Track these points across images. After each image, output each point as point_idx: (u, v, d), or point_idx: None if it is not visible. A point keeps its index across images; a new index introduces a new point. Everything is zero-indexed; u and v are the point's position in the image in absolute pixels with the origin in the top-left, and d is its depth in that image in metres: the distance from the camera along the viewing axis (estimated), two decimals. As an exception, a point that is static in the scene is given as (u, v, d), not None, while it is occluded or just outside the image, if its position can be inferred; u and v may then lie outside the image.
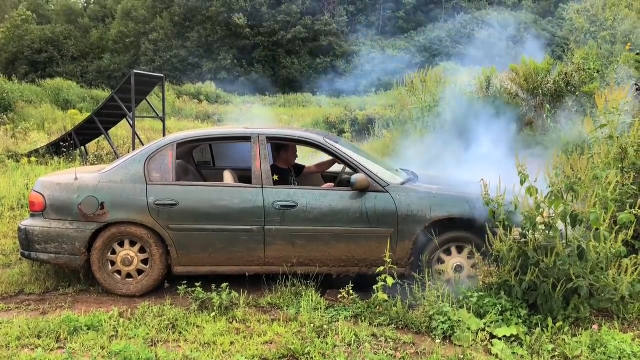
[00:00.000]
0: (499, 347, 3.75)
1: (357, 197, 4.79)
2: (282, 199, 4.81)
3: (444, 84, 10.37)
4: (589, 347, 3.70)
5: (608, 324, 4.14)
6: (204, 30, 46.30)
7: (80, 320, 4.12)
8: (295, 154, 5.94)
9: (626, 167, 4.99)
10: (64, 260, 4.89)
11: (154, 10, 48.75)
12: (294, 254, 4.82)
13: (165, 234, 4.81)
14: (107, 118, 13.20)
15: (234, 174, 5.28)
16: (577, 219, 4.04)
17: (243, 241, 4.81)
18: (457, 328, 3.96)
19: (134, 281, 4.92)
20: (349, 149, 5.39)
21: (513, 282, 4.18)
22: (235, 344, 3.88)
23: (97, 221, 4.81)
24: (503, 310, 4.11)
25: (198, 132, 5.49)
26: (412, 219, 4.73)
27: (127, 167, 4.97)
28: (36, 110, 20.86)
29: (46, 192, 4.93)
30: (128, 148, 13.30)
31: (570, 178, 4.11)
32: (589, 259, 4.00)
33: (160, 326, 4.13)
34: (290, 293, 4.75)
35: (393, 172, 5.31)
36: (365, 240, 4.77)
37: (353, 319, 4.31)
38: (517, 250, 4.23)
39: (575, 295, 4.11)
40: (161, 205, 4.79)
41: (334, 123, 18.98)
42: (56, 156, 12.36)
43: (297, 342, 3.82)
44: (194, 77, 42.38)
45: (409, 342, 3.94)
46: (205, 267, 4.90)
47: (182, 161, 5.54)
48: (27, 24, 45.40)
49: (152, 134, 17.13)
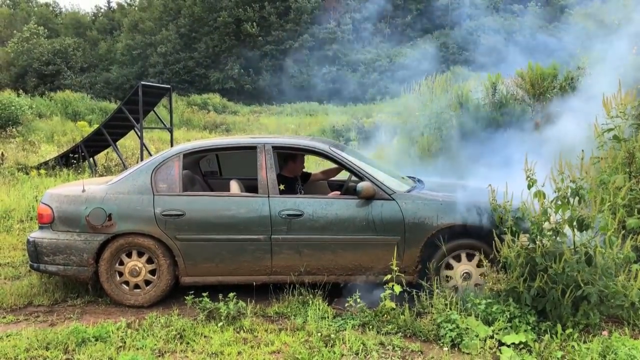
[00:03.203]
0: (508, 354, 3.72)
1: (364, 205, 4.79)
2: (288, 208, 4.82)
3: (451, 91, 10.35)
4: (599, 354, 3.66)
5: (618, 330, 4.10)
6: (211, 40, 46.65)
7: (88, 331, 4.14)
8: (302, 163, 5.94)
9: (634, 172, 4.96)
10: (72, 271, 4.91)
11: (160, 22, 49.17)
12: (301, 262, 4.81)
13: (172, 245, 4.82)
14: (115, 130, 13.29)
15: (240, 184, 5.29)
16: (584, 224, 4.01)
17: (250, 251, 4.81)
18: (465, 336, 3.94)
19: (142, 292, 4.92)
20: (355, 157, 5.39)
21: (521, 289, 4.15)
22: (242, 354, 3.87)
23: (105, 232, 4.83)
24: (511, 317, 4.08)
25: (204, 143, 5.51)
26: (418, 226, 4.71)
27: (134, 178, 5.00)
28: (45, 123, 21.06)
29: (54, 204, 4.96)
30: (136, 159, 13.37)
31: (576, 183, 4.08)
32: (598, 265, 3.97)
33: (167, 336, 4.13)
34: (297, 302, 4.74)
35: (399, 180, 5.30)
36: (372, 248, 4.76)
37: (360, 328, 4.30)
38: (524, 256, 4.20)
39: (585, 302, 4.08)
40: (168, 215, 4.80)
41: (341, 131, 18.99)
42: (65, 168, 12.45)
43: (305, 351, 3.81)
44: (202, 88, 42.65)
45: (417, 350, 3.92)
46: (213, 277, 4.91)
47: (188, 171, 5.56)
48: (37, 37, 45.90)
49: (161, 144, 17.23)
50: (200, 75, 45.98)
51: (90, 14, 62.22)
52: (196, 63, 46.32)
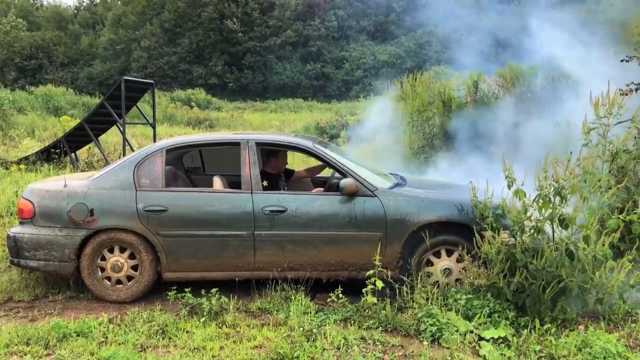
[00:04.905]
0: (487, 348, 3.78)
1: (346, 202, 4.83)
2: (271, 204, 4.83)
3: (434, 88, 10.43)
4: (575, 348, 3.74)
5: (594, 325, 4.18)
6: (195, 36, 46.34)
7: (69, 326, 4.12)
8: (285, 159, 5.96)
9: (614, 172, 5.05)
10: (54, 267, 4.89)
11: (144, 16, 48.71)
12: (284, 258, 4.83)
13: (154, 240, 4.81)
14: (97, 125, 13.16)
15: (223, 180, 5.29)
16: (565, 222, 4.10)
17: (233, 246, 4.82)
18: (446, 330, 3.99)
19: (124, 287, 4.91)
20: (338, 154, 5.42)
21: (501, 284, 4.22)
22: (224, 349, 3.89)
23: (87, 228, 4.80)
24: (491, 312, 4.14)
25: (187, 138, 5.51)
26: (400, 222, 4.76)
27: (117, 174, 4.98)
28: (26, 117, 20.77)
29: (35, 200, 4.93)
30: (119, 154, 13.26)
31: (559, 182, 4.15)
32: (579, 259, 4.06)
33: (149, 332, 4.13)
34: (280, 297, 4.76)
35: (382, 177, 5.34)
36: (355, 244, 4.80)
37: (342, 323, 4.33)
38: (505, 252, 4.27)
39: (562, 297, 4.16)
40: (151, 211, 4.80)
41: (325, 128, 19.02)
42: (46, 163, 12.31)
43: (287, 346, 3.83)
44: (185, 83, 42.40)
45: (398, 344, 3.97)
46: (195, 272, 4.91)
47: (171, 167, 5.55)
48: (17, 30, 45.19)
49: (143, 140, 17.11)
50: (183, 71, 45.66)
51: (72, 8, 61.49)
52: (180, 58, 45.98)
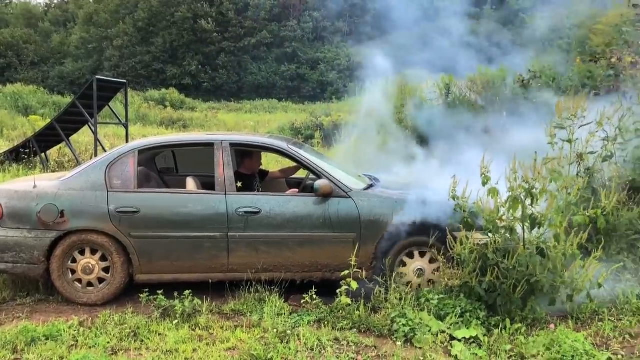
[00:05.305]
0: (459, 348, 3.83)
1: (321, 203, 4.84)
2: (245, 205, 4.82)
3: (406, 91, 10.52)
4: (544, 347, 3.81)
5: (563, 324, 4.27)
6: (169, 35, 45.93)
7: (38, 330, 4.05)
8: (260, 160, 5.95)
9: (580, 173, 5.19)
10: (22, 269, 4.79)
11: (117, 15, 48.08)
12: (258, 260, 4.82)
13: (127, 242, 4.75)
14: (68, 125, 12.93)
15: (197, 181, 5.26)
16: (536, 222, 4.18)
17: (206, 248, 4.79)
18: (418, 330, 4.03)
19: (95, 290, 4.84)
20: (313, 155, 5.44)
21: (473, 284, 4.28)
22: (197, 351, 3.86)
23: (57, 229, 4.72)
24: (463, 312, 4.19)
25: (160, 139, 5.46)
26: (374, 223, 4.79)
27: (88, 175, 4.90)
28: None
29: (3, 200, 4.82)
30: (90, 155, 13.05)
31: (529, 183, 4.23)
32: (550, 257, 4.14)
33: (121, 335, 4.08)
34: (253, 299, 4.75)
35: (356, 178, 5.37)
36: (329, 245, 4.82)
37: (316, 324, 4.34)
38: (477, 252, 4.34)
39: (532, 297, 4.24)
40: (122, 212, 4.74)
41: (300, 129, 19.02)
42: (15, 163, 12.06)
43: (260, 347, 3.83)
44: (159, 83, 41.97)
45: (371, 345, 3.99)
46: (168, 274, 4.87)
47: (144, 168, 5.48)
48: (-15, 27, 44.25)
49: (116, 140, 16.86)
50: (157, 70, 45.22)
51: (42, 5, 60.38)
52: (153, 58, 45.51)
